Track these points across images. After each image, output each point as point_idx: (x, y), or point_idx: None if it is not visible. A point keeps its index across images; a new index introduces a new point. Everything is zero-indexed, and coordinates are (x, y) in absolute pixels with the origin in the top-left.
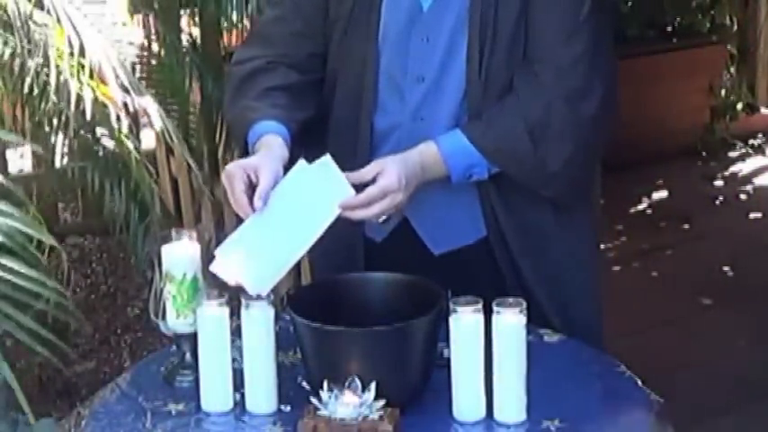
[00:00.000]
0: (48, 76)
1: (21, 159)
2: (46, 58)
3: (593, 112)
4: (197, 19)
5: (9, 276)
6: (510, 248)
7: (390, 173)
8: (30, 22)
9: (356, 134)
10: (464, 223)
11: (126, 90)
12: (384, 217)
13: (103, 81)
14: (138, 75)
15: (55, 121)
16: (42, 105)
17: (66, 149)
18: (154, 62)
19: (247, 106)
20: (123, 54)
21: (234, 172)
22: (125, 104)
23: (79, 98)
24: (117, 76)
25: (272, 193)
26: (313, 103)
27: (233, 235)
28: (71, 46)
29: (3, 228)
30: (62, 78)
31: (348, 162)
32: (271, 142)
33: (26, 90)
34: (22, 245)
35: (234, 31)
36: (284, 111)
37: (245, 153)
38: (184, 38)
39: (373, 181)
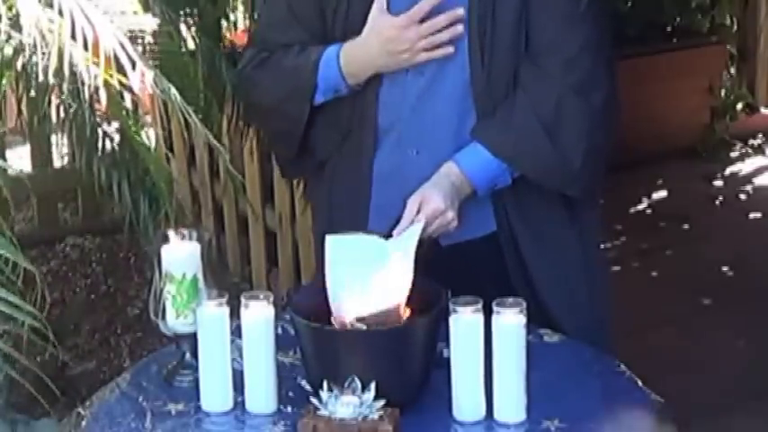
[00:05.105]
0: (50, 70)
1: (20, 159)
2: (58, 52)
3: (604, 101)
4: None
5: None
6: (518, 245)
7: (432, 197)
8: (39, 18)
9: (360, 130)
10: (474, 216)
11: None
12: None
13: (118, 71)
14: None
15: (62, 115)
16: (47, 101)
17: (69, 145)
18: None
19: (296, 66)
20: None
21: None
22: (134, 101)
23: (96, 88)
24: (133, 64)
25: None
26: None
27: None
28: (84, 36)
29: None
30: (76, 69)
31: (353, 159)
32: None
33: (32, 85)
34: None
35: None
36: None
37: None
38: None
39: (419, 212)
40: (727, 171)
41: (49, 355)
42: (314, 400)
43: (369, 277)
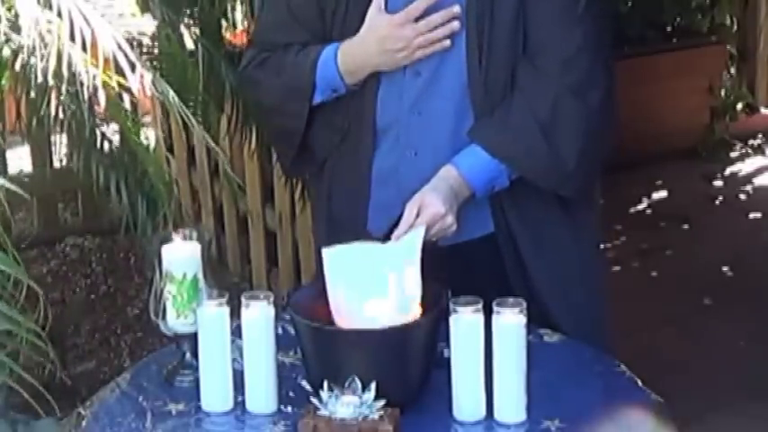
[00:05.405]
0: (49, 71)
1: (20, 160)
2: (57, 54)
3: (601, 102)
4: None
5: None
6: (516, 246)
7: (431, 202)
8: (38, 20)
9: (358, 130)
10: (472, 217)
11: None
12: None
13: (117, 72)
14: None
15: (61, 116)
16: (46, 102)
17: (68, 146)
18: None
19: (295, 65)
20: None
21: None
22: (133, 102)
23: (95, 89)
24: (132, 67)
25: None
26: None
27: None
28: (82, 37)
29: None
30: (74, 70)
31: (352, 158)
32: None
33: (31, 86)
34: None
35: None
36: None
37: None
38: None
39: (418, 215)
40: (727, 171)
41: (50, 362)
42: (314, 400)
43: (373, 289)
